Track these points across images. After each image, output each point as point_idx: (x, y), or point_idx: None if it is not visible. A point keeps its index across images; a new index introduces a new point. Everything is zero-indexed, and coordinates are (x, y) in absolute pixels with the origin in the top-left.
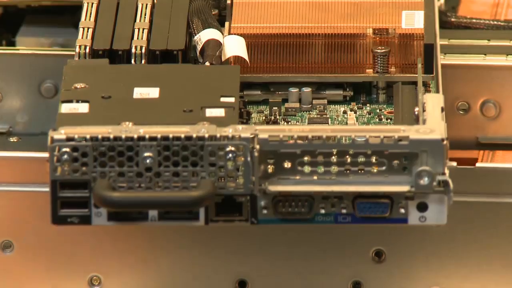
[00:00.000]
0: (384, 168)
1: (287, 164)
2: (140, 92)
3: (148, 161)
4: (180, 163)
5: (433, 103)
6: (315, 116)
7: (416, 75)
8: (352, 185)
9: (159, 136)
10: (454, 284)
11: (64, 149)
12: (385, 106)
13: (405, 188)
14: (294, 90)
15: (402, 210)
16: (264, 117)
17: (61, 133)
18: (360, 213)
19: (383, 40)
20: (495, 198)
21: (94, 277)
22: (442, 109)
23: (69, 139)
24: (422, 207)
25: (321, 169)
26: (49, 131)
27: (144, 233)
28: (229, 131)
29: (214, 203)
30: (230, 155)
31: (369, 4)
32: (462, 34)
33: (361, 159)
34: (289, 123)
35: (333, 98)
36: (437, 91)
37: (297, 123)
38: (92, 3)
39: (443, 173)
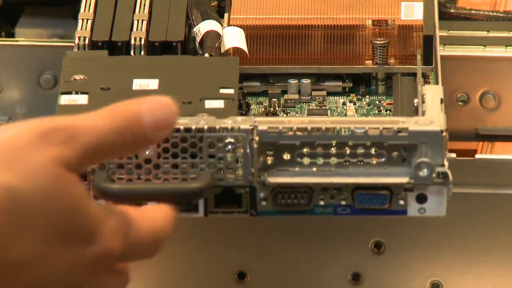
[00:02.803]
0: (383, 159)
1: (287, 156)
2: (139, 84)
3: (147, 152)
4: (179, 154)
5: (432, 94)
6: (314, 107)
7: (416, 66)
8: (351, 176)
9: None
10: (453, 275)
11: None
12: (384, 97)
13: (404, 180)
14: (293, 81)
15: (401, 202)
16: (263, 109)
17: None
18: (359, 204)
19: (383, 31)
20: (494, 190)
21: None
22: (442, 101)
23: None
24: (421, 199)
25: (320, 160)
26: None
27: None
28: (228, 122)
29: (213, 194)
30: (229, 146)
31: None
32: (462, 25)
33: (360, 150)
34: (288, 114)
35: (332, 90)
36: (436, 83)
37: (296, 114)
38: None
39: (442, 165)
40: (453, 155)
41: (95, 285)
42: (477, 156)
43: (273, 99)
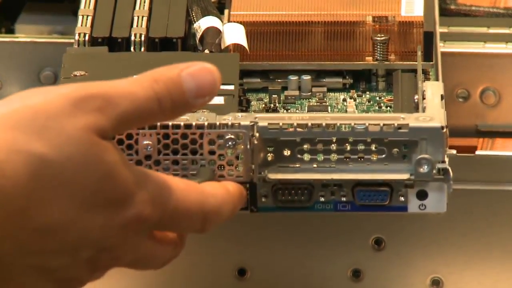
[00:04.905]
0: (383, 156)
1: (287, 152)
2: None
3: (147, 149)
4: (179, 151)
5: (432, 90)
6: (315, 104)
7: (416, 62)
8: (351, 173)
9: (158, 124)
10: (454, 272)
11: None
12: (384, 93)
13: (404, 176)
14: (293, 78)
15: (402, 198)
16: (263, 105)
17: None
18: (359, 201)
19: (383, 27)
20: (494, 186)
21: None
22: (442, 97)
23: None
24: (422, 195)
25: (321, 157)
26: None
27: None
28: (228, 119)
29: None
30: (230, 143)
31: None
32: (462, 22)
33: (361, 147)
34: (289, 111)
35: (333, 86)
36: (437, 79)
37: (297, 111)
38: None
39: (443, 161)
40: (454, 151)
41: (130, 249)
42: (478, 152)
43: (273, 96)
